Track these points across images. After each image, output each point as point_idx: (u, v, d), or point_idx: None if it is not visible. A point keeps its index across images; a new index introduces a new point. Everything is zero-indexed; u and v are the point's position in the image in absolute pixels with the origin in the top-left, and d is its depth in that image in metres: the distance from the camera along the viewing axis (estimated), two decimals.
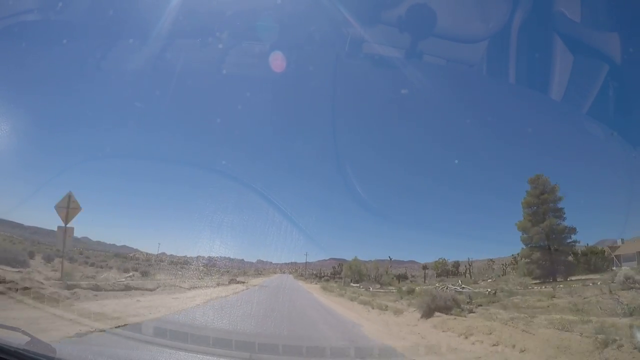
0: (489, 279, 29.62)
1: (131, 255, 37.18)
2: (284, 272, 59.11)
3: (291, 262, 55.26)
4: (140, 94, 27.25)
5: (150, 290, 17.99)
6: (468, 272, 32.99)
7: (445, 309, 12.49)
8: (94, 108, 30.10)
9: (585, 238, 27.05)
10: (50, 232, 37.52)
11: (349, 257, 40.00)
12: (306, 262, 47.06)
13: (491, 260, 35.23)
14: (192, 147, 36.76)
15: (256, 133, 37.50)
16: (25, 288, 10.96)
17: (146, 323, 8.91)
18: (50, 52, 19.25)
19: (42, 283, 12.56)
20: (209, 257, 25.97)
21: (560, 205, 22.68)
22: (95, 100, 27.76)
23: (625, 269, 17.78)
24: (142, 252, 37.61)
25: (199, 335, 7.15)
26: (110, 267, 26.32)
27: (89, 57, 16.25)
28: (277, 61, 13.90)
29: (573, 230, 22.24)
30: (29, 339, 2.86)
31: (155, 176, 52.12)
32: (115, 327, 8.07)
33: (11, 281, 11.41)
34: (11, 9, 11.80)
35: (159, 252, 37.80)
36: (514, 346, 8.28)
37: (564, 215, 22.60)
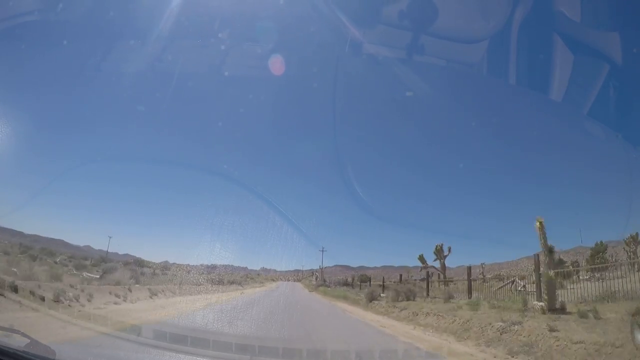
0: None
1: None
2: (288, 280, 54.76)
3: (295, 270, 53.81)
4: (140, 96, 27.13)
5: None
6: None
7: None
8: (92, 111, 29.98)
9: (587, 238, 27.26)
10: (50, 240, 36.55)
11: (354, 263, 40.14)
12: (322, 267, 41.92)
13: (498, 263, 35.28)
14: (193, 151, 36.55)
15: (257, 137, 37.44)
16: None
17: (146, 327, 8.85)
18: (47, 54, 19.18)
19: None
20: (212, 264, 25.65)
21: None
22: (94, 103, 27.62)
23: None
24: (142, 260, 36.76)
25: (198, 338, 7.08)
26: None
27: (88, 59, 16.22)
28: (278, 64, 13.93)
29: None
30: (29, 340, 2.83)
31: (157, 183, 51.68)
32: None
33: None
34: (7, 11, 11.79)
35: (164, 260, 36.83)
36: None
37: None
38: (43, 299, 11.31)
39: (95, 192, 45.09)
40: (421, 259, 22.45)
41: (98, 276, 21.08)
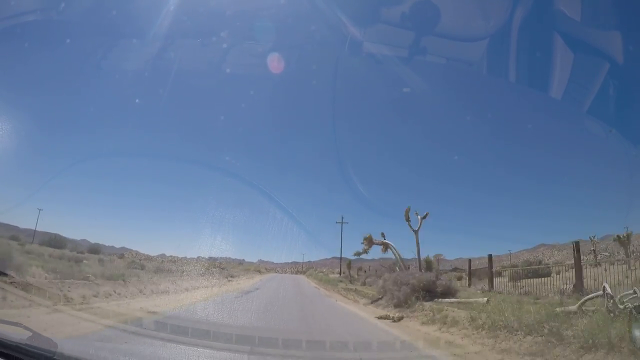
0: None
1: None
2: (284, 272, 52.49)
3: (293, 262, 53.50)
4: (139, 93, 27.18)
5: None
6: None
7: None
8: (91, 108, 29.97)
9: (587, 234, 27.41)
10: (45, 234, 35.88)
11: (352, 255, 38.08)
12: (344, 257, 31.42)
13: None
14: (192, 147, 36.71)
15: (258, 134, 37.55)
16: None
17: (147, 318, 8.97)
18: (48, 53, 19.21)
19: None
20: (210, 257, 25.38)
21: None
22: (93, 100, 27.67)
23: None
24: (134, 252, 35.89)
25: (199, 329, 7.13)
26: None
27: (87, 57, 16.41)
28: (278, 62, 13.98)
29: None
30: (31, 333, 2.87)
31: (155, 177, 51.81)
32: None
33: None
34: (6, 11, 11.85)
35: (160, 253, 36.29)
36: None
37: None
38: None
39: (94, 188, 45.21)
40: None
41: None
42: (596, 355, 5.93)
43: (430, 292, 13.49)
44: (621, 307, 7.11)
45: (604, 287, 7.93)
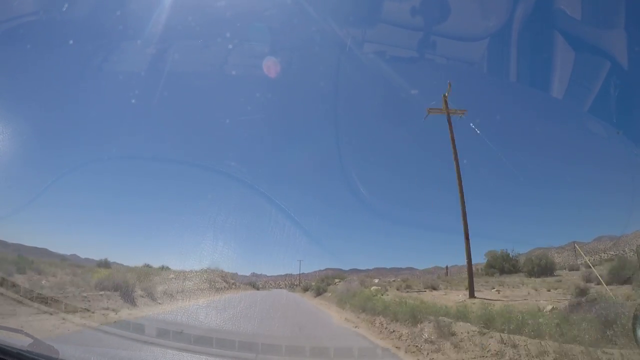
0: None
1: None
2: (279, 287, 49.24)
3: (287, 274, 52.54)
4: (134, 97, 26.42)
5: None
6: None
7: None
8: (86, 113, 29.11)
9: (584, 235, 27.32)
10: (33, 249, 34.44)
11: (345, 266, 36.58)
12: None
13: None
14: (186, 153, 35.88)
15: (257, 140, 37.20)
16: None
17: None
18: (39, 57, 18.76)
19: None
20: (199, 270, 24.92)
21: None
22: (85, 106, 26.89)
23: None
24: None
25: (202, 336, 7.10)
26: None
27: (76, 63, 16.23)
28: (277, 66, 13.96)
29: None
30: (32, 340, 2.83)
31: (145, 189, 50.03)
32: None
33: None
34: None
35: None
36: None
37: None
38: None
39: (82, 202, 43.40)
40: None
41: None
42: None
43: None
44: None
45: None
